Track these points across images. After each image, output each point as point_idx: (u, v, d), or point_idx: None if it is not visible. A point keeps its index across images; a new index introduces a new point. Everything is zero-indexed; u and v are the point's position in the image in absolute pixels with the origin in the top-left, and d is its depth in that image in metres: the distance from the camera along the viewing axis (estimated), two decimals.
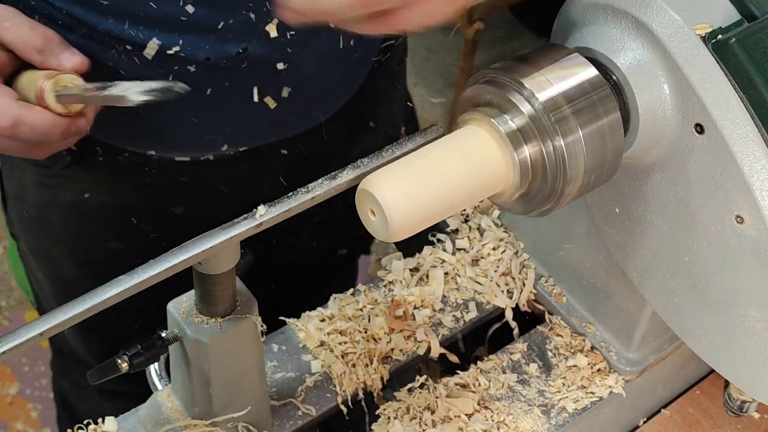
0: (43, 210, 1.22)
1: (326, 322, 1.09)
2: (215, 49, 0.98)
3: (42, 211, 1.22)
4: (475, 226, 1.20)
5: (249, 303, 0.88)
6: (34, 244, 1.30)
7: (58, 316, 0.71)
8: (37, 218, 1.24)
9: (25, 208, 1.25)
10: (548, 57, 0.78)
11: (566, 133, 0.75)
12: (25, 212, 1.25)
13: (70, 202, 1.18)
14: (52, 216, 1.22)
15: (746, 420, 1.12)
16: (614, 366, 1.08)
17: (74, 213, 1.20)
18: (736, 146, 0.76)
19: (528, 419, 1.03)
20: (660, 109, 0.80)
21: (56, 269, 1.29)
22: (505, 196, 0.80)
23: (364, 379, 1.04)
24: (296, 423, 1.01)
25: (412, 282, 1.14)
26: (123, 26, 0.95)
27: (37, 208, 1.22)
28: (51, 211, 1.21)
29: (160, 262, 0.75)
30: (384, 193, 0.73)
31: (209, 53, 0.98)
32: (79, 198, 1.17)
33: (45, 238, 1.26)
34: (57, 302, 1.32)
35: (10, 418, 2.21)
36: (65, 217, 1.21)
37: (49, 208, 1.21)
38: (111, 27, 0.95)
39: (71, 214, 1.20)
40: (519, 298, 1.14)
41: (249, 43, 0.99)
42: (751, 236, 0.78)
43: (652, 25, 0.78)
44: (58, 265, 1.28)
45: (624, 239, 0.93)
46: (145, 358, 0.85)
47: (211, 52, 0.98)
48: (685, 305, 0.89)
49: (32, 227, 1.27)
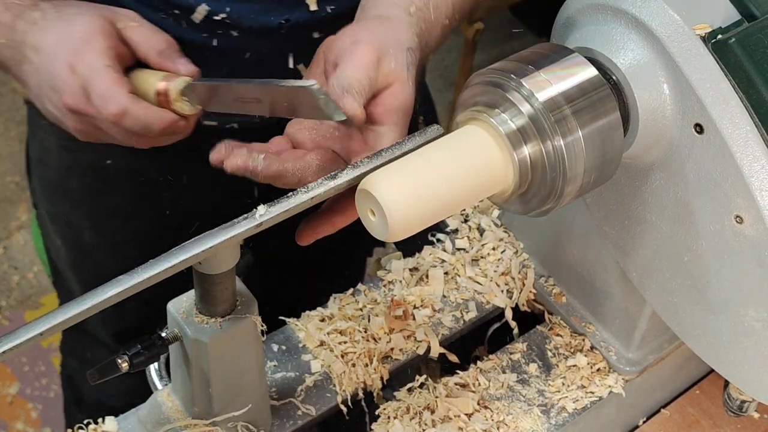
0: (64, 174, 1.25)
1: (326, 322, 1.09)
2: (259, 18, 1.04)
3: (64, 175, 1.26)
4: (475, 226, 1.20)
5: (249, 303, 0.88)
6: (54, 208, 1.33)
7: (58, 316, 0.71)
8: (59, 182, 1.27)
9: (48, 172, 1.28)
10: (548, 57, 0.78)
11: (566, 133, 0.75)
12: (47, 176, 1.29)
13: (91, 166, 1.22)
14: (73, 180, 1.25)
15: (746, 420, 1.12)
16: (614, 366, 1.08)
17: (95, 178, 1.24)
18: (735, 146, 0.76)
19: (528, 419, 1.03)
20: (660, 109, 0.80)
21: (74, 234, 1.32)
22: (504, 196, 0.80)
23: (363, 379, 1.04)
24: (296, 423, 1.01)
25: (412, 282, 1.14)
26: None
27: (59, 171, 1.26)
28: (72, 175, 1.25)
29: (160, 261, 0.74)
30: (384, 193, 0.73)
31: (253, 22, 1.04)
32: (101, 163, 1.20)
33: (65, 202, 1.29)
34: (73, 268, 1.36)
35: (10, 418, 2.21)
36: (86, 182, 1.25)
37: (70, 172, 1.25)
38: None
39: (92, 179, 1.24)
40: (519, 297, 1.14)
41: (291, 14, 1.05)
42: (751, 236, 0.78)
43: (651, 25, 0.78)
44: (76, 230, 1.31)
45: (624, 239, 0.93)
46: (145, 358, 0.85)
47: (255, 21, 1.04)
48: (685, 305, 0.89)
49: (53, 191, 1.30)
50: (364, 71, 0.83)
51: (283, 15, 1.05)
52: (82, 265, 1.36)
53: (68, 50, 0.90)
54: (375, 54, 0.84)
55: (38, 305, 2.41)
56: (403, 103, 0.85)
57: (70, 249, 1.35)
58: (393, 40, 0.86)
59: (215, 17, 1.03)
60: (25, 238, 2.54)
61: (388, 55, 0.85)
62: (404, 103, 0.85)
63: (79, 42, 0.90)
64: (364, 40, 0.85)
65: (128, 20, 0.94)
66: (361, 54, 0.83)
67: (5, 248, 2.52)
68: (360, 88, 0.82)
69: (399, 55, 0.86)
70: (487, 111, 0.77)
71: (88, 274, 1.36)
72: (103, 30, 0.92)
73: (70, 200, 1.28)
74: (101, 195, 1.26)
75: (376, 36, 0.86)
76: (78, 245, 1.33)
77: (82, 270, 1.37)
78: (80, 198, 1.27)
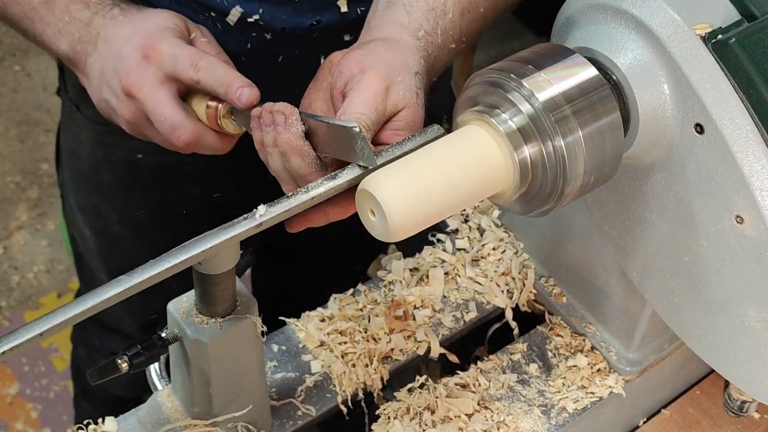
0: (96, 166, 1.28)
1: (326, 322, 1.09)
2: (291, 20, 1.06)
3: (95, 168, 1.29)
4: (475, 226, 1.20)
5: (249, 303, 0.88)
6: (84, 200, 1.36)
7: (58, 316, 0.71)
8: (90, 174, 1.30)
9: (79, 164, 1.31)
10: (548, 57, 0.78)
11: (566, 133, 0.75)
12: (78, 168, 1.32)
13: (122, 160, 1.24)
14: (104, 173, 1.28)
15: (746, 420, 1.12)
16: (614, 366, 1.07)
17: (126, 171, 1.26)
18: (736, 146, 0.76)
19: (528, 419, 1.03)
20: (660, 109, 0.80)
21: (104, 225, 1.34)
22: (505, 196, 0.80)
23: (364, 379, 1.04)
24: (296, 423, 1.01)
25: (412, 282, 1.14)
26: None
27: (91, 164, 1.29)
28: (104, 168, 1.28)
29: (160, 262, 0.74)
30: (384, 193, 0.73)
31: (285, 23, 1.06)
32: (132, 157, 1.23)
33: (95, 193, 1.32)
34: (101, 257, 1.40)
35: (10, 418, 2.21)
36: (117, 175, 1.27)
37: (102, 165, 1.27)
38: None
39: (123, 172, 1.26)
40: (519, 298, 1.14)
41: (322, 16, 1.07)
42: (751, 236, 0.78)
43: (652, 25, 0.78)
44: (105, 221, 1.33)
45: (624, 239, 0.93)
46: (145, 358, 0.85)
47: (287, 23, 1.06)
48: (685, 305, 0.89)
49: (84, 183, 1.33)
50: (372, 103, 0.83)
51: (314, 16, 1.07)
52: (110, 255, 1.39)
53: (141, 36, 0.93)
54: (383, 83, 0.84)
55: (38, 305, 2.41)
56: (413, 126, 0.85)
57: (99, 239, 1.38)
58: (401, 66, 0.87)
59: (249, 19, 1.05)
60: (25, 238, 2.54)
61: (397, 83, 0.85)
62: (413, 126, 0.86)
63: (153, 30, 0.93)
64: (371, 67, 0.85)
65: (200, 35, 0.99)
66: (369, 85, 0.84)
67: (5, 248, 2.52)
68: (368, 123, 0.82)
69: (408, 80, 0.86)
70: (488, 111, 0.77)
71: (115, 264, 1.38)
72: (177, 28, 0.95)
73: (101, 192, 1.31)
74: (131, 188, 1.28)
75: (384, 62, 0.86)
76: (107, 235, 1.36)
77: (110, 259, 1.40)
78: (110, 190, 1.30)
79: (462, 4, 0.95)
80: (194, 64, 0.91)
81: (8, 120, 2.80)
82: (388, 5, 0.94)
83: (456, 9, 0.94)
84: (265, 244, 1.48)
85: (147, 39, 0.93)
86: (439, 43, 0.93)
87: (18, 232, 2.56)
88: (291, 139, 0.82)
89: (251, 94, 0.89)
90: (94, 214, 1.35)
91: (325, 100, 0.90)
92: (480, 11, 0.97)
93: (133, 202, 1.30)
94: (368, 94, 0.83)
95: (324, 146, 0.83)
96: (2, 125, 2.78)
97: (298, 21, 1.07)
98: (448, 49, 0.95)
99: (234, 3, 1.04)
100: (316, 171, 0.83)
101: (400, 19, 0.92)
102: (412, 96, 0.86)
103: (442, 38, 0.93)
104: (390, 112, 0.85)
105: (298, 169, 0.83)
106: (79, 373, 1.68)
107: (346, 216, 0.84)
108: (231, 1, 1.05)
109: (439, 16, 0.93)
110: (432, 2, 0.93)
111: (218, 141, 0.96)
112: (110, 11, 0.96)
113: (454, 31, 0.95)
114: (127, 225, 1.32)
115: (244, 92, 0.89)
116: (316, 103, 0.90)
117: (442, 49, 0.94)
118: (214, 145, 0.96)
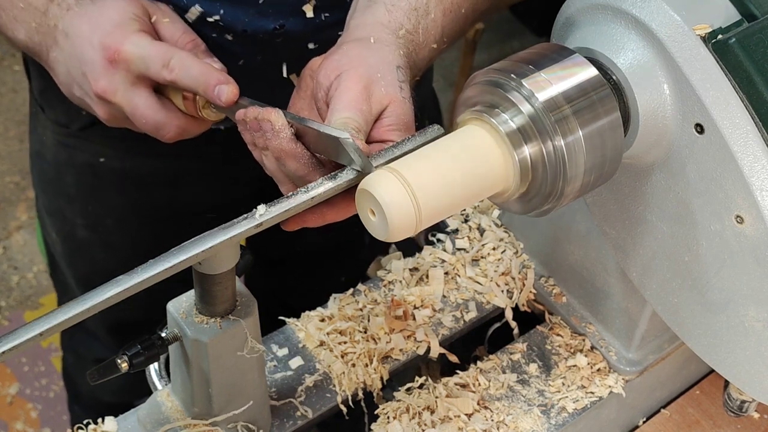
0: (60, 169, 1.26)
1: (326, 322, 1.09)
2: (253, 23, 1.03)
3: (59, 170, 1.26)
4: (475, 226, 1.20)
5: (249, 303, 0.88)
6: (50, 202, 1.34)
7: (58, 316, 0.71)
8: (55, 177, 1.28)
9: (44, 167, 1.29)
10: (548, 57, 0.78)
11: (566, 133, 0.75)
12: (44, 170, 1.30)
13: (85, 163, 1.23)
14: (68, 176, 1.26)
15: (746, 420, 1.12)
16: (614, 366, 1.07)
17: (89, 175, 1.24)
18: (736, 146, 0.76)
19: (528, 419, 1.03)
20: (660, 109, 0.80)
21: (69, 229, 1.32)
22: (505, 196, 0.80)
23: (363, 379, 1.04)
24: (296, 423, 1.01)
25: (412, 282, 1.14)
26: None
27: (55, 166, 1.27)
28: (67, 171, 1.26)
29: (160, 261, 0.74)
30: (384, 193, 0.73)
31: (247, 26, 1.03)
32: (95, 160, 1.21)
33: (60, 197, 1.30)
34: (68, 262, 1.37)
35: (10, 418, 2.21)
36: (80, 178, 1.25)
37: (66, 168, 1.25)
38: None
39: (86, 176, 1.24)
40: (519, 298, 1.14)
41: (286, 20, 1.04)
42: (751, 236, 0.78)
43: (652, 25, 0.78)
44: (71, 226, 1.31)
45: (624, 239, 0.93)
46: (145, 358, 0.85)
47: (248, 25, 1.03)
48: (686, 305, 0.89)
49: (49, 186, 1.31)
50: (355, 106, 0.82)
51: (278, 20, 1.04)
52: (76, 260, 1.37)
53: (101, 36, 0.90)
54: (361, 83, 0.83)
55: (38, 305, 2.41)
56: (403, 119, 0.84)
57: (65, 243, 1.36)
58: (380, 63, 0.85)
59: (208, 18, 1.02)
60: (24, 238, 2.54)
61: (376, 80, 0.84)
62: (404, 119, 0.85)
63: (112, 28, 0.90)
64: (347, 70, 0.84)
65: (162, 15, 0.95)
66: (347, 88, 0.82)
67: (5, 248, 2.52)
68: (355, 125, 0.81)
69: (389, 76, 0.85)
70: (488, 111, 0.77)
71: (81, 269, 1.37)
72: (136, 17, 0.92)
73: (65, 195, 1.29)
74: (95, 192, 1.26)
75: (360, 62, 0.85)
76: (73, 240, 1.33)
77: (77, 264, 1.37)
78: (75, 194, 1.28)
79: (444, 5, 0.94)
80: (166, 63, 0.88)
81: (8, 120, 2.80)
82: (369, 4, 0.92)
83: (438, 9, 0.93)
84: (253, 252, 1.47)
85: (108, 39, 0.89)
86: (421, 42, 0.92)
87: (18, 232, 2.56)
88: (282, 144, 0.81)
89: (230, 91, 0.87)
90: (60, 218, 1.33)
91: (311, 109, 0.89)
92: (461, 12, 0.96)
93: (97, 206, 1.27)
94: (349, 98, 0.82)
95: (316, 147, 0.82)
96: (2, 125, 2.78)
97: (261, 24, 1.04)
98: (430, 49, 0.94)
99: (193, 1, 1.01)
100: (313, 170, 0.82)
101: (380, 19, 0.90)
102: (395, 90, 0.84)
103: (423, 37, 0.92)
104: (376, 110, 0.84)
105: (295, 171, 0.83)
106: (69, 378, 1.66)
107: (342, 218, 0.83)
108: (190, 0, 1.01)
109: (421, 16, 0.92)
110: (414, 2, 0.92)
111: (203, 127, 0.94)
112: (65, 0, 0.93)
113: (435, 30, 0.94)
114: (92, 230, 1.30)
115: (222, 90, 0.87)
116: (302, 112, 0.89)
117: (423, 47, 0.93)
118: (200, 131, 0.94)
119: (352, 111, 0.81)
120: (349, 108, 0.81)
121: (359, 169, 0.78)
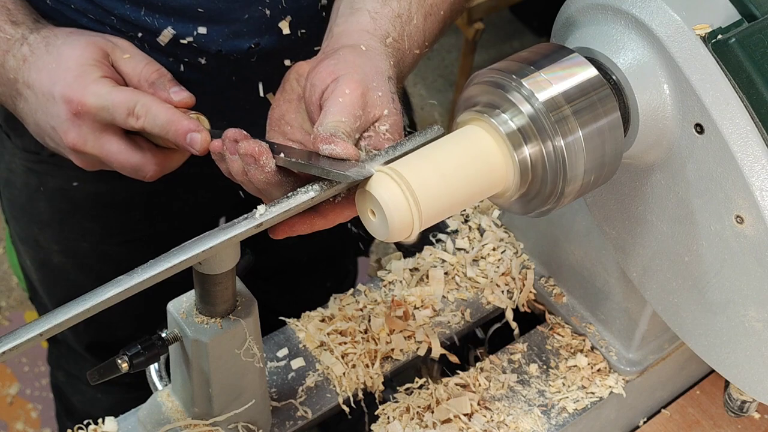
0: (31, 196, 1.23)
1: (326, 323, 1.09)
2: (228, 43, 1.01)
3: (30, 198, 1.24)
4: (475, 226, 1.20)
5: (249, 303, 0.88)
6: (22, 230, 1.31)
7: (58, 316, 0.71)
8: (26, 204, 1.25)
9: (15, 193, 1.26)
10: (548, 57, 0.78)
11: (566, 133, 0.75)
12: (14, 198, 1.27)
13: (57, 189, 1.20)
14: (40, 203, 1.23)
15: (746, 420, 1.12)
16: (614, 366, 1.08)
17: (61, 200, 1.22)
18: (736, 146, 0.76)
19: (528, 419, 1.03)
20: (660, 109, 0.80)
21: (44, 257, 1.30)
22: (505, 196, 0.80)
23: (364, 380, 1.04)
24: (296, 423, 1.01)
25: (412, 282, 1.14)
26: (139, 12, 0.98)
27: (26, 193, 1.24)
28: (39, 198, 1.23)
29: (160, 262, 0.74)
30: (384, 193, 0.73)
31: (222, 46, 1.01)
32: (67, 185, 1.19)
33: (33, 224, 1.27)
34: (45, 289, 1.34)
35: (10, 418, 2.21)
36: (53, 204, 1.23)
37: (37, 195, 1.23)
38: (127, 12, 0.98)
39: (58, 202, 1.22)
40: (519, 298, 1.14)
41: (261, 38, 1.02)
42: (751, 236, 0.78)
43: (652, 25, 0.78)
44: (46, 253, 1.29)
45: (624, 239, 0.93)
46: (145, 358, 0.85)
47: (223, 46, 1.01)
48: (685, 305, 0.89)
49: (21, 213, 1.28)
50: (350, 110, 0.81)
51: (253, 39, 1.02)
52: (54, 286, 1.35)
53: (62, 89, 0.88)
54: (359, 89, 0.82)
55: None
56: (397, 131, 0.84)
57: (41, 270, 1.34)
58: (373, 71, 0.85)
59: (182, 40, 1.00)
60: None
61: (372, 88, 0.83)
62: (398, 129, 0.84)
63: (72, 79, 0.89)
64: (345, 75, 0.83)
65: (120, 52, 0.93)
66: (344, 93, 0.82)
67: (5, 248, 2.52)
68: (347, 130, 0.80)
69: (383, 86, 0.85)
70: (488, 111, 0.77)
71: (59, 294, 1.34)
72: (95, 62, 0.90)
73: (38, 222, 1.27)
74: (70, 217, 1.24)
75: (356, 68, 0.84)
76: (48, 266, 1.31)
77: (54, 290, 1.35)
78: (48, 221, 1.25)
79: (425, 9, 0.94)
80: (131, 111, 0.87)
81: None
82: (352, 12, 0.91)
83: (420, 14, 0.93)
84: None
85: (69, 92, 0.88)
86: (406, 49, 0.92)
87: None
88: (268, 177, 0.80)
89: (203, 139, 0.86)
90: (34, 246, 1.30)
91: (298, 112, 0.88)
92: (440, 14, 0.95)
93: (72, 231, 1.25)
94: (345, 102, 0.81)
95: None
96: None
97: (236, 44, 1.02)
98: (413, 55, 0.94)
99: (165, 24, 0.99)
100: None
101: (365, 26, 0.90)
102: (389, 100, 0.84)
103: (408, 44, 0.92)
104: (370, 117, 0.83)
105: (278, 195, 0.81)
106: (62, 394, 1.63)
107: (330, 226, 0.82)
108: (162, 22, 0.99)
109: (405, 23, 0.91)
110: (398, 8, 0.91)
111: (182, 158, 0.93)
112: (20, 50, 0.91)
113: (418, 36, 0.93)
114: (69, 255, 1.28)
115: (195, 139, 0.86)
116: (289, 115, 0.88)
117: (408, 54, 0.92)
118: (180, 163, 0.94)
119: (346, 115, 0.81)
120: (343, 112, 0.81)
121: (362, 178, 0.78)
